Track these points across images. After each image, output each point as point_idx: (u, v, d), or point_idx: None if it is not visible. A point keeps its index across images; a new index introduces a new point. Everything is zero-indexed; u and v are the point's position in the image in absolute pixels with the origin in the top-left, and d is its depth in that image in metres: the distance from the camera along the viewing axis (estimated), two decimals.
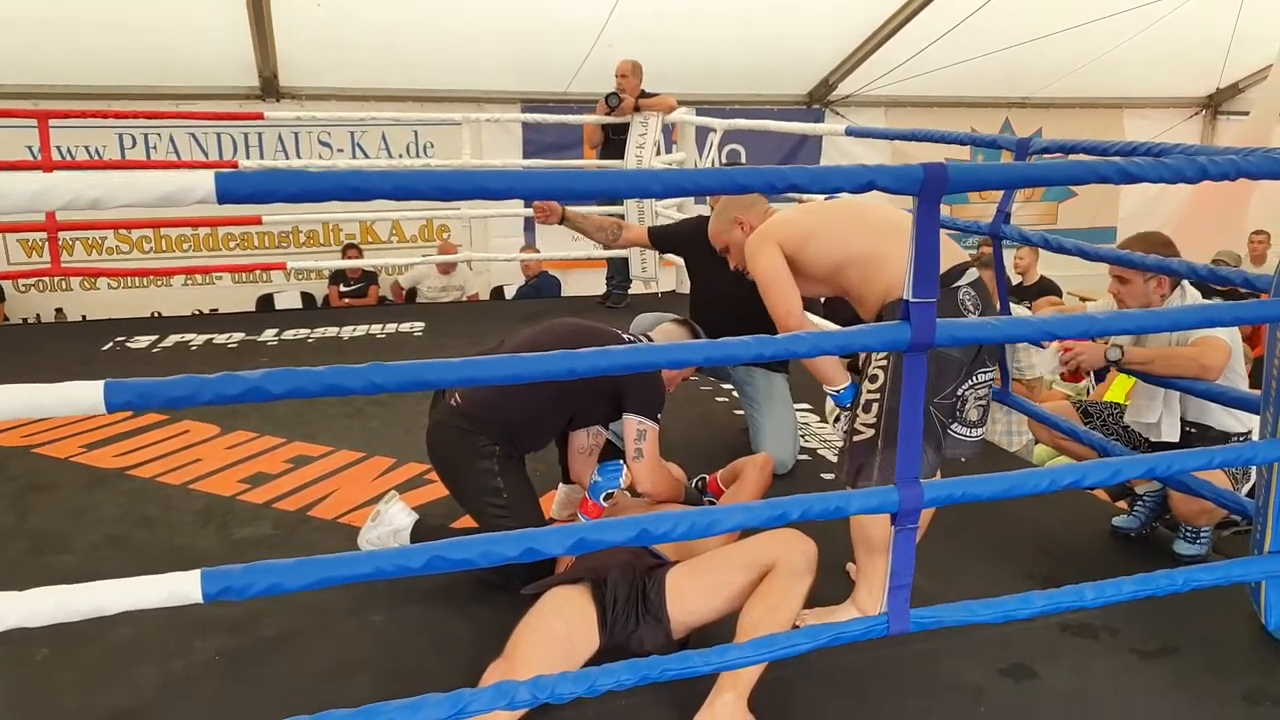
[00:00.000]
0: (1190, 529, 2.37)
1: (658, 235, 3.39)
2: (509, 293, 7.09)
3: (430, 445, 2.24)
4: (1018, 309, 3.78)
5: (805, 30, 6.88)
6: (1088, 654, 1.93)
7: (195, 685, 1.82)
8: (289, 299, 6.92)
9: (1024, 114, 8.27)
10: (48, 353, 4.47)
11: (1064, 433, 2.50)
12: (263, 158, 6.65)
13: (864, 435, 1.81)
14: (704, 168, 4.89)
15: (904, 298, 1.38)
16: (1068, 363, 2.43)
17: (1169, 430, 2.37)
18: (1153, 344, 2.37)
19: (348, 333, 4.80)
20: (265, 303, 6.84)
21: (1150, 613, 1.96)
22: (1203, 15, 6.86)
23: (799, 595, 1.71)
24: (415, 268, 6.85)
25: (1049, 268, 6.42)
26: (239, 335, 4.72)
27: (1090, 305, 3.56)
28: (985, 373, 1.88)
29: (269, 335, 4.75)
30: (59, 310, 6.74)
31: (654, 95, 5.17)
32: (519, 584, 1.90)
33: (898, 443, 1.46)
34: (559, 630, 1.71)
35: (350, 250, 6.93)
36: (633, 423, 2.16)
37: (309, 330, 4.86)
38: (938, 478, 1.85)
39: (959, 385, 1.84)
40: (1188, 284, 2.41)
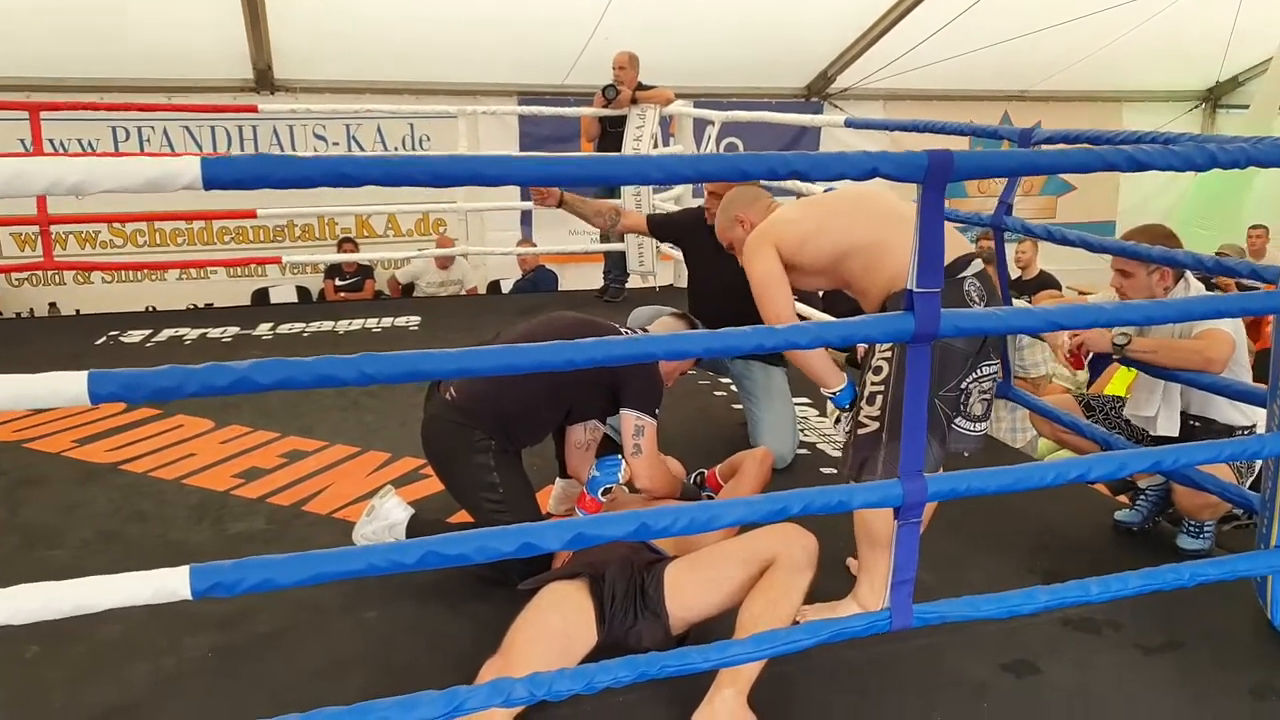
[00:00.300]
0: (1193, 523, 2.35)
1: (657, 223, 3.36)
2: (505, 287, 7.07)
3: (425, 439, 2.21)
4: (1018, 303, 3.75)
5: (803, 22, 6.84)
6: (1091, 649, 1.91)
7: (187, 682, 1.79)
8: (284, 293, 6.89)
9: (1023, 107, 8.25)
10: (40, 347, 4.43)
11: (1066, 426, 2.48)
12: (257, 151, 6.60)
13: (869, 428, 1.79)
14: None
15: (908, 288, 1.35)
16: (1073, 349, 2.41)
17: (1166, 424, 2.34)
18: (1155, 334, 2.34)
19: (343, 327, 4.77)
20: (260, 297, 6.81)
21: (1154, 607, 1.94)
22: (1202, 8, 6.85)
23: (799, 590, 1.69)
24: (413, 263, 6.81)
25: (1047, 261, 6.40)
26: (234, 330, 4.69)
27: (1090, 299, 3.53)
28: (989, 365, 1.85)
29: (264, 330, 4.71)
30: (52, 305, 6.70)
31: (651, 88, 5.13)
32: (516, 579, 1.88)
33: (902, 436, 1.44)
34: (556, 626, 1.69)
35: (346, 244, 6.89)
36: (631, 418, 2.14)
37: (304, 325, 4.82)
38: (941, 472, 1.83)
39: (963, 378, 1.81)
40: (1191, 277, 2.38)
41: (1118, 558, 2.35)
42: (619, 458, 2.17)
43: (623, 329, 2.31)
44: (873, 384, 1.80)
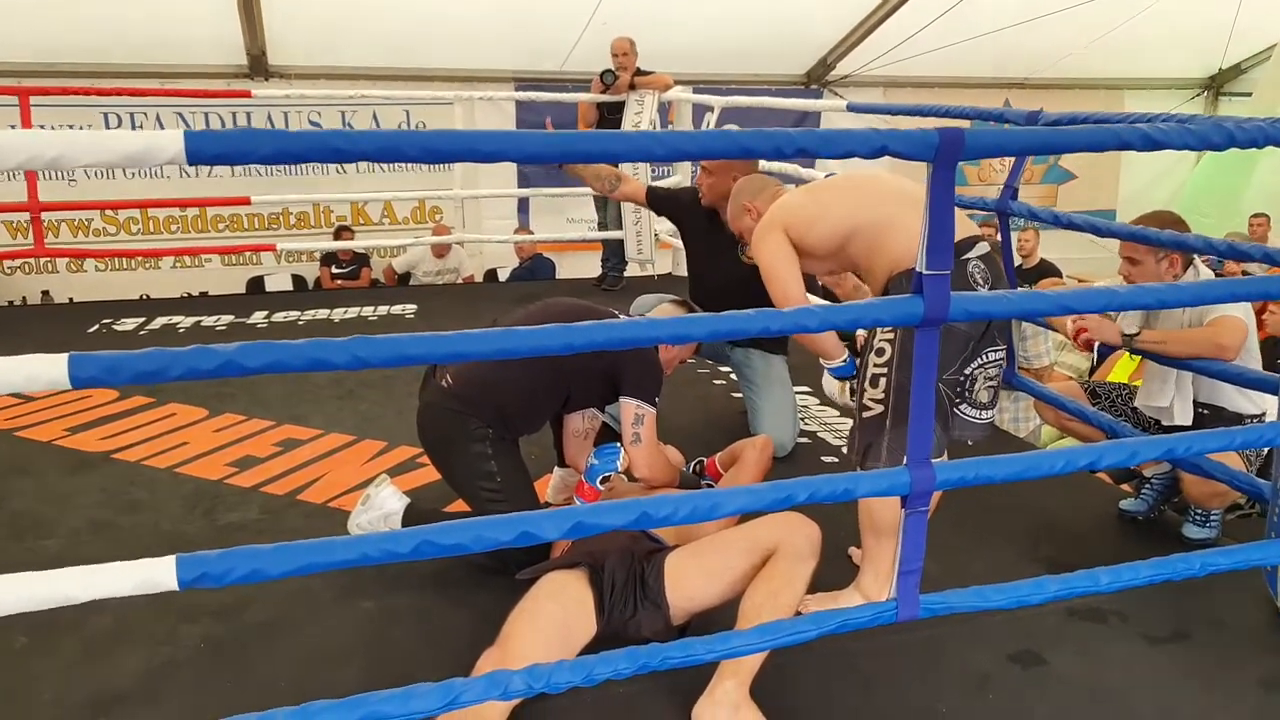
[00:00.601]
0: (1200, 512, 2.32)
1: (657, 196, 3.29)
2: (502, 275, 7.01)
3: (421, 427, 2.18)
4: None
5: (803, 9, 6.78)
6: (1097, 639, 1.89)
7: (179, 673, 1.76)
8: (279, 281, 6.83)
9: (1024, 94, 8.17)
10: (30, 335, 4.38)
11: (1071, 414, 2.44)
12: None
13: (873, 412, 1.76)
14: None
15: (916, 269, 1.31)
16: (1079, 340, 2.37)
17: (1181, 414, 2.31)
18: (1164, 325, 2.31)
19: (339, 315, 4.72)
20: (255, 285, 6.74)
21: (1160, 597, 1.91)
22: None
23: (802, 580, 1.66)
24: (409, 252, 6.74)
25: (1047, 250, 6.37)
26: (228, 318, 4.64)
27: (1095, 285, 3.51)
28: (995, 351, 1.82)
29: (258, 318, 4.67)
30: (45, 293, 6.64)
31: (650, 74, 5.07)
32: (514, 569, 1.84)
33: (908, 421, 1.40)
34: (555, 616, 1.66)
35: (343, 232, 6.83)
36: (630, 406, 2.11)
37: (299, 312, 4.78)
38: (945, 458, 1.80)
39: (968, 363, 1.78)
40: (1200, 264, 2.35)
41: (1122, 547, 2.33)
42: (617, 446, 2.13)
43: (622, 316, 2.27)
44: (875, 366, 1.77)
